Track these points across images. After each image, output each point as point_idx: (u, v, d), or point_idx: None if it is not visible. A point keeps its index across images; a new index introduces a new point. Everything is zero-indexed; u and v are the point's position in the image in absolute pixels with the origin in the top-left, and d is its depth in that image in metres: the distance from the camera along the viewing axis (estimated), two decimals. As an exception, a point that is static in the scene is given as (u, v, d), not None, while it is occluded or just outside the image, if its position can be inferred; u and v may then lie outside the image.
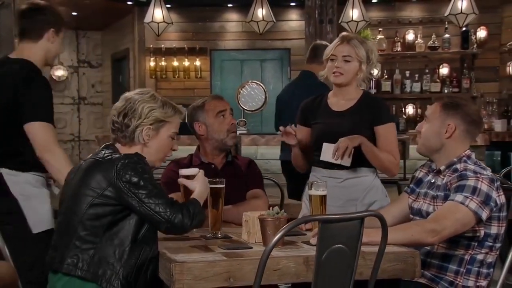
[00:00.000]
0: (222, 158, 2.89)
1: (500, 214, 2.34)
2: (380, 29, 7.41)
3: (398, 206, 2.61)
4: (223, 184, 2.45)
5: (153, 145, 2.24)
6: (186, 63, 7.91)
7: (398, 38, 7.45)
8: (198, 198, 2.24)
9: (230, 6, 7.88)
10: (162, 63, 7.90)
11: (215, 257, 2.03)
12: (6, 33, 5.20)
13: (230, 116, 2.87)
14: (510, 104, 6.97)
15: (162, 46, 7.87)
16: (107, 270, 2.07)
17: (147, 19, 6.41)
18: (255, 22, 6.54)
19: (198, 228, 2.25)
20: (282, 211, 2.23)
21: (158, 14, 6.35)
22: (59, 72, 9.05)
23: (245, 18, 7.02)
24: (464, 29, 7.08)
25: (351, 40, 2.82)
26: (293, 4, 7.73)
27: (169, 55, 7.89)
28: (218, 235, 2.41)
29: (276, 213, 2.22)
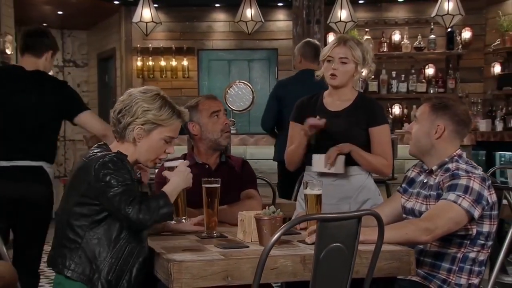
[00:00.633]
0: (216, 158, 2.90)
1: (491, 213, 2.38)
2: (366, 29, 7.47)
3: (390, 205, 2.62)
4: (219, 184, 2.46)
5: (143, 145, 2.22)
6: (174, 63, 7.88)
7: (384, 39, 7.51)
8: (169, 190, 2.15)
9: (217, 6, 7.88)
10: (149, 63, 7.88)
11: (213, 256, 2.04)
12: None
13: (224, 116, 2.88)
14: (495, 104, 7.05)
15: (149, 45, 7.84)
16: (91, 270, 2.08)
17: (136, 19, 6.39)
18: (244, 22, 6.55)
19: (165, 221, 2.16)
20: (278, 210, 2.25)
21: (147, 13, 6.34)
22: (44, 71, 8.96)
23: (232, 18, 7.03)
24: (449, 30, 7.16)
25: (348, 41, 2.84)
26: (280, 4, 7.74)
27: (156, 55, 7.86)
28: (214, 235, 2.42)
29: (272, 212, 2.23)
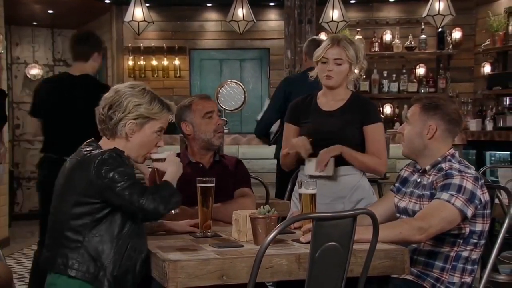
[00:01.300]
0: (210, 158, 2.90)
1: (484, 212, 2.40)
2: (358, 29, 7.48)
3: (384, 204, 2.64)
4: (213, 183, 2.46)
5: (136, 140, 2.21)
6: (165, 63, 7.86)
7: (375, 39, 7.54)
8: (170, 180, 2.18)
9: (209, 5, 7.87)
10: (141, 62, 7.85)
11: (208, 255, 2.05)
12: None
13: (217, 116, 2.89)
14: (485, 104, 7.09)
15: (140, 45, 7.82)
16: (96, 268, 2.08)
17: (127, 18, 6.37)
18: (236, 21, 6.54)
19: (175, 209, 2.18)
20: (273, 210, 2.25)
21: (139, 13, 6.32)
22: (34, 71, 8.81)
23: (224, 17, 7.03)
24: (440, 30, 7.20)
25: (341, 41, 2.85)
26: (272, 4, 7.74)
27: (147, 54, 7.84)
28: (208, 234, 2.42)
29: (267, 211, 2.24)
